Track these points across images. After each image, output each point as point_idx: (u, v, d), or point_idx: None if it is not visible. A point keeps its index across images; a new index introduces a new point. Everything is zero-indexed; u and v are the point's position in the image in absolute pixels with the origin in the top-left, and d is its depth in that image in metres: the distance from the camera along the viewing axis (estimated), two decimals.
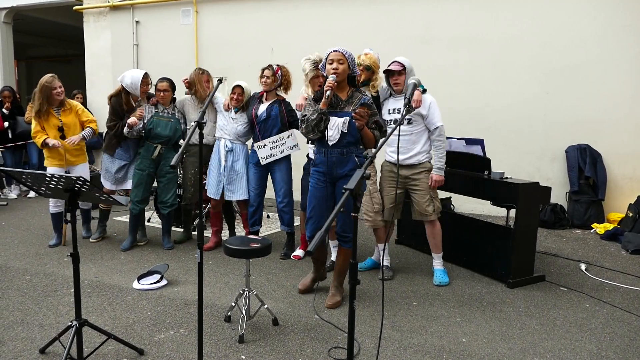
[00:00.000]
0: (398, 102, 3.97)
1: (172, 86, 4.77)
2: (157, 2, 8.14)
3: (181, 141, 4.84)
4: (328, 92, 3.17)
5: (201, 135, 2.49)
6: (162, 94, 4.67)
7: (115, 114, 4.73)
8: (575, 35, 6.13)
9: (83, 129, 4.75)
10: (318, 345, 2.99)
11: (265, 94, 4.56)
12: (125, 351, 2.86)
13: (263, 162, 4.53)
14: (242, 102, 4.61)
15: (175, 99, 4.88)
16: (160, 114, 4.69)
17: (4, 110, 7.17)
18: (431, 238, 4.12)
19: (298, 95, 4.34)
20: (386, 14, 6.89)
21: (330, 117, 3.27)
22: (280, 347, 2.97)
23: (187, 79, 4.84)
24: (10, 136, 7.19)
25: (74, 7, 8.80)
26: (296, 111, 4.45)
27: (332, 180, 3.40)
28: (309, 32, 7.20)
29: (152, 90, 4.89)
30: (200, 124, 2.44)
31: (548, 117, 6.32)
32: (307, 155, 4.47)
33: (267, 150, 4.52)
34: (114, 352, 2.86)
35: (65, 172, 4.74)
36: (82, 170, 4.82)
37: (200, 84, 4.74)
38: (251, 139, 4.73)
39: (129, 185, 4.89)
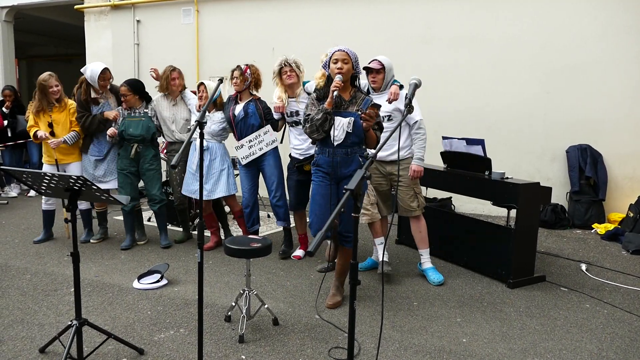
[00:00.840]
0: (377, 100, 3.92)
1: (134, 88, 4.68)
2: (158, 1, 8.14)
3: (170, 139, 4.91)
4: (335, 93, 3.15)
5: (201, 135, 2.49)
6: (122, 98, 4.69)
7: (80, 105, 4.78)
8: (576, 35, 6.12)
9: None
10: (318, 345, 2.99)
11: (238, 94, 4.57)
12: (125, 351, 2.86)
13: (243, 162, 4.54)
14: (207, 99, 4.54)
15: (148, 97, 4.88)
16: (132, 115, 4.71)
17: (4, 109, 7.17)
18: (417, 233, 4.13)
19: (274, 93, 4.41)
20: (387, 13, 6.88)
21: (335, 117, 3.23)
22: (280, 347, 2.97)
23: (155, 69, 4.91)
24: (9, 135, 7.19)
25: (75, 6, 8.79)
26: (273, 112, 4.46)
27: (337, 180, 3.37)
28: (310, 32, 7.20)
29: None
30: (200, 124, 2.43)
31: (548, 117, 6.31)
32: (290, 155, 4.49)
33: (245, 150, 4.51)
34: (114, 352, 2.86)
35: (63, 171, 4.78)
36: (75, 169, 4.83)
37: (167, 80, 4.76)
38: (227, 138, 4.78)
39: (111, 185, 4.87)
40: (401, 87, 3.95)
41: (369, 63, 3.91)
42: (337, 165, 3.30)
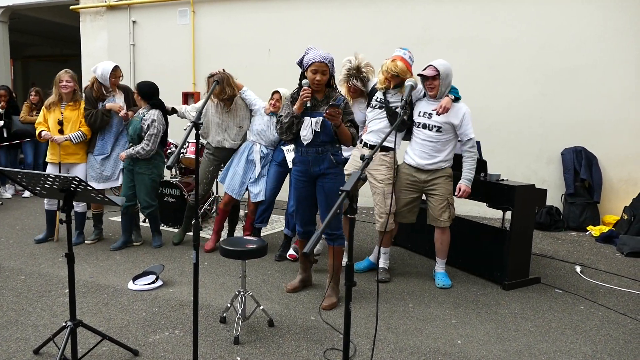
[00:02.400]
0: (430, 106, 3.89)
1: (140, 90, 4.66)
2: (154, 2, 8.12)
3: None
4: (308, 104, 3.26)
5: (197, 137, 2.48)
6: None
7: (89, 103, 4.79)
8: (574, 38, 6.14)
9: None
10: (313, 347, 2.98)
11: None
12: (120, 352, 2.85)
13: (291, 165, 4.50)
14: (279, 108, 4.56)
15: (158, 103, 4.77)
16: (137, 114, 4.73)
17: None
18: (438, 243, 4.08)
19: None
20: (384, 15, 6.89)
21: (304, 117, 3.36)
22: (275, 348, 2.96)
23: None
24: (5, 135, 7.15)
25: (71, 7, 8.77)
26: None
27: (311, 178, 3.49)
28: (307, 33, 7.19)
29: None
30: (196, 125, 2.43)
31: (546, 119, 6.34)
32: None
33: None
34: (108, 353, 2.85)
35: (66, 171, 4.80)
36: (80, 170, 4.82)
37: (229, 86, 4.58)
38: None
39: (118, 182, 4.89)
40: (457, 99, 3.84)
41: (424, 70, 3.80)
42: (308, 163, 3.43)
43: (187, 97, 7.58)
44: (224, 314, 3.29)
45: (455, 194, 3.91)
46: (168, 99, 5.19)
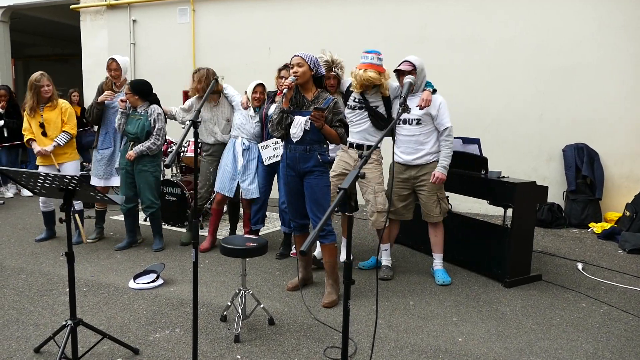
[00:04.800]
0: (409, 102, 3.88)
1: (134, 89, 4.61)
2: (154, 1, 8.12)
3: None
4: (285, 91, 3.36)
5: (196, 135, 2.48)
6: (126, 97, 4.64)
7: (95, 97, 4.91)
8: (571, 36, 6.13)
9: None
10: (314, 345, 2.98)
11: (281, 93, 4.52)
12: (121, 350, 2.85)
13: (266, 162, 4.53)
14: (263, 101, 4.60)
15: (154, 100, 4.77)
16: (133, 113, 4.68)
17: None
18: (433, 237, 4.12)
19: None
20: (382, 14, 6.89)
21: (295, 115, 3.43)
22: (276, 346, 2.96)
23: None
24: (5, 135, 7.16)
25: (71, 6, 8.77)
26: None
27: (298, 175, 3.55)
28: (306, 32, 7.19)
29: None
30: (195, 123, 2.42)
31: (544, 118, 6.32)
32: None
33: (270, 151, 4.51)
34: (109, 352, 2.85)
35: (57, 170, 4.76)
36: (70, 169, 4.80)
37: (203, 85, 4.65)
38: None
39: (116, 181, 4.90)
40: (434, 91, 3.90)
41: (399, 65, 3.84)
42: (296, 160, 3.51)
43: (188, 96, 7.57)
44: (225, 313, 3.29)
45: (431, 180, 3.92)
46: (168, 97, 5.21)
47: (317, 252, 4.39)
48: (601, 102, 6.09)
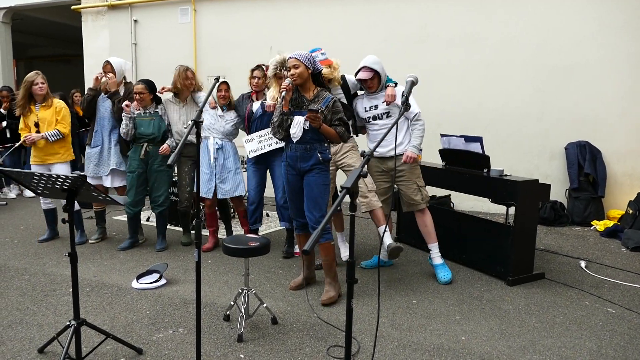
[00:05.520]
0: (372, 100, 4.05)
1: (150, 87, 4.68)
2: (155, 1, 8.12)
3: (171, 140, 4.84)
4: (283, 94, 3.35)
5: (198, 135, 2.49)
6: (137, 96, 4.63)
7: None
8: (572, 35, 6.12)
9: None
10: (317, 344, 2.98)
11: (256, 94, 4.56)
12: (124, 350, 2.86)
13: (251, 155, 4.54)
14: (229, 98, 4.62)
15: (159, 98, 4.83)
16: (142, 115, 4.68)
17: (1, 110, 7.16)
18: (423, 227, 4.13)
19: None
20: (383, 12, 6.88)
21: (295, 115, 3.43)
22: (279, 346, 2.96)
23: (165, 88, 4.89)
24: (8, 136, 7.17)
25: (72, 7, 8.79)
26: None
27: (299, 174, 3.55)
28: (307, 31, 7.19)
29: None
30: (197, 123, 2.43)
31: (545, 116, 6.32)
32: None
33: (254, 144, 4.51)
34: (112, 352, 2.85)
35: (48, 171, 4.75)
36: (60, 170, 4.76)
37: (181, 79, 4.72)
38: (237, 136, 4.78)
39: (107, 182, 4.90)
40: (395, 84, 3.97)
41: (357, 74, 3.95)
42: (296, 159, 3.51)
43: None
44: (228, 312, 3.29)
45: (403, 159, 3.97)
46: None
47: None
48: (602, 100, 6.08)
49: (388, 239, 4.11)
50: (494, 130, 6.40)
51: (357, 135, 4.36)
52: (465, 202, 6.42)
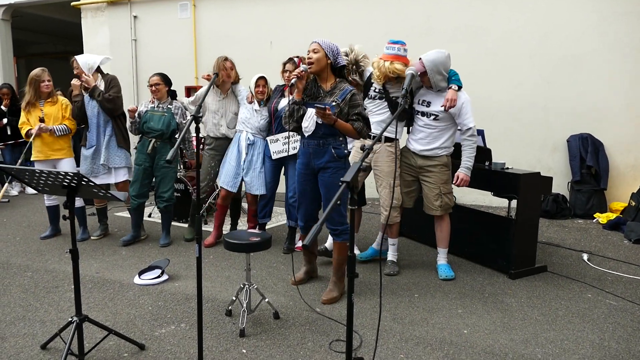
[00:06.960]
0: (426, 95, 3.89)
1: (165, 80, 4.70)
2: None
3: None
4: (293, 81, 3.21)
5: (197, 130, 2.48)
6: (153, 88, 4.63)
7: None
8: (576, 27, 6.08)
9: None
10: (319, 339, 2.98)
11: (288, 88, 4.50)
12: (126, 346, 2.86)
13: (274, 156, 4.50)
14: (266, 94, 4.56)
15: (174, 92, 4.84)
16: (156, 108, 4.67)
17: (2, 107, 7.16)
18: (438, 232, 4.08)
19: None
20: (386, 5, 6.84)
21: (309, 108, 3.26)
22: (281, 340, 2.97)
23: (208, 75, 4.71)
24: (9, 133, 7.18)
25: (72, 3, 8.76)
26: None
27: (312, 171, 3.41)
28: (308, 26, 7.15)
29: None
30: (196, 118, 2.42)
31: (549, 108, 6.29)
32: None
33: (279, 145, 4.49)
34: (114, 348, 2.86)
35: (53, 167, 4.76)
36: (66, 165, 4.79)
37: (220, 70, 4.57)
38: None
39: (111, 179, 4.88)
40: (459, 88, 3.80)
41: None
42: (309, 155, 3.36)
43: (190, 91, 7.56)
44: (230, 307, 3.29)
45: (454, 182, 3.87)
46: None
47: (329, 243, 4.32)
48: (605, 92, 6.05)
49: (391, 257, 4.16)
50: (498, 122, 6.36)
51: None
52: (467, 196, 6.40)
